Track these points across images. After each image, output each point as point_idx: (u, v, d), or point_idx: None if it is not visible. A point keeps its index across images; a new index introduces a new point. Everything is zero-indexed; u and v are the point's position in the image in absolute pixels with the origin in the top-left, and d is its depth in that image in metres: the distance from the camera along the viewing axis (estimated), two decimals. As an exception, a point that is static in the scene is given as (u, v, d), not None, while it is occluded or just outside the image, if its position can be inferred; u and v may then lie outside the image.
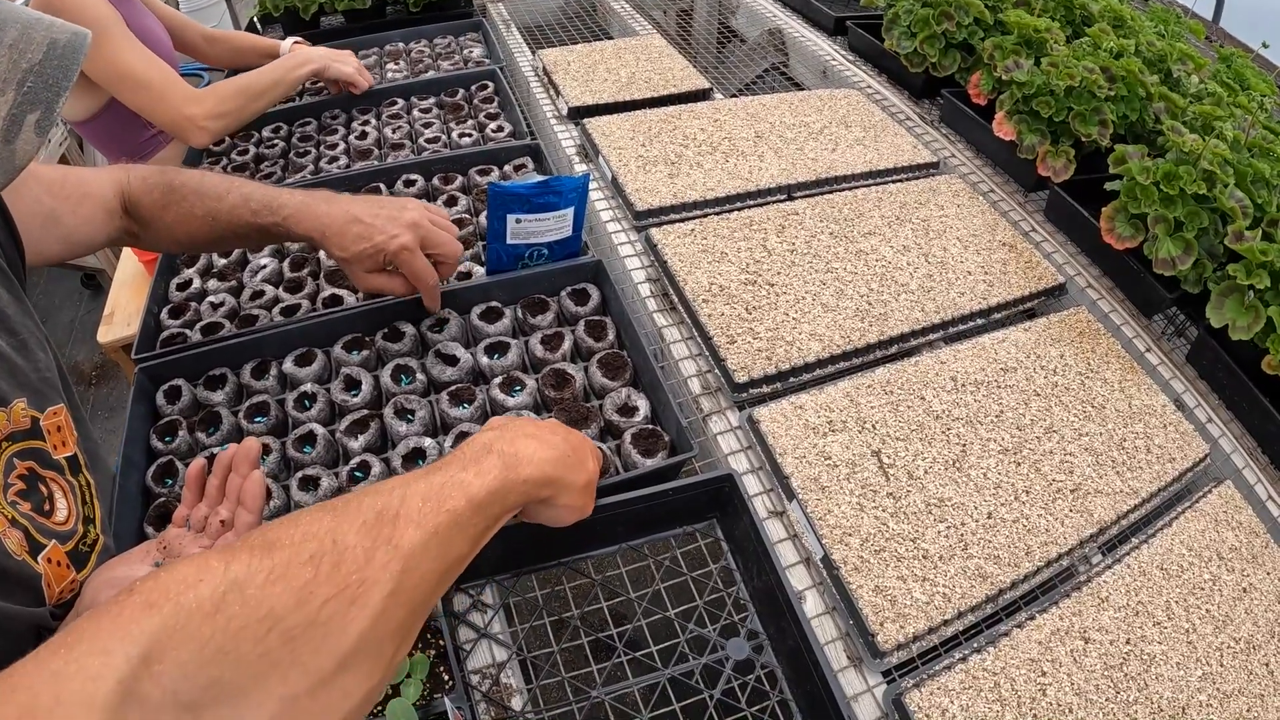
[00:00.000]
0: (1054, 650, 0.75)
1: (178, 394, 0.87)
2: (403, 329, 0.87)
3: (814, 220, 1.07)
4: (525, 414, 0.81)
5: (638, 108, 1.25)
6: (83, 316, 2.26)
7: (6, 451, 0.64)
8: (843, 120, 1.27)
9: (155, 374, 0.88)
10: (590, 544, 0.77)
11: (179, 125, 1.13)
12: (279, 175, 1.18)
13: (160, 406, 0.87)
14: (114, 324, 1.49)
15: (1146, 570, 0.81)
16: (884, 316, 0.98)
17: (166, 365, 0.88)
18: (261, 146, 1.25)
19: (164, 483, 0.81)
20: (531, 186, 0.84)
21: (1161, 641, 0.76)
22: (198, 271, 1.03)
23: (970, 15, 1.38)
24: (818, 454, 0.84)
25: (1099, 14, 1.47)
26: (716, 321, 0.92)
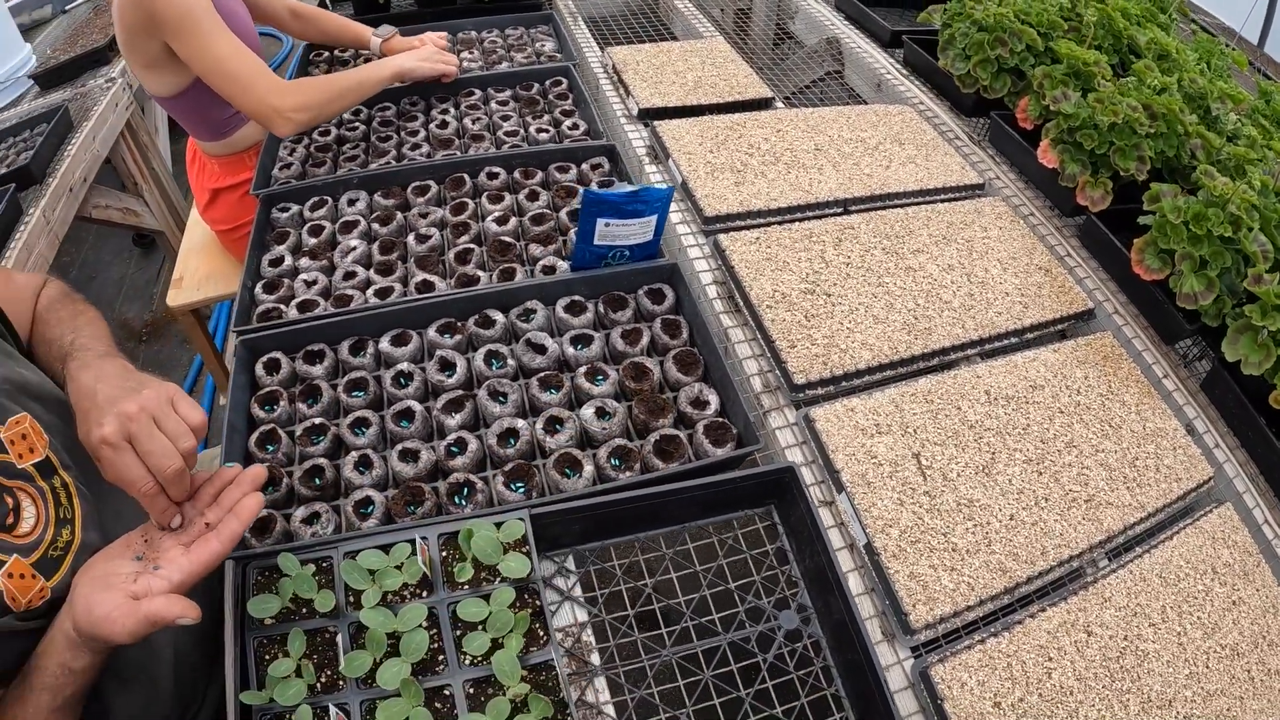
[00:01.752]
0: (1060, 640, 0.88)
1: (277, 366, 0.98)
2: (494, 317, 0.99)
3: (868, 235, 1.18)
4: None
5: (704, 112, 1.35)
6: (132, 274, 2.35)
7: None
8: (896, 137, 1.38)
9: (255, 346, 0.99)
10: (663, 521, 0.90)
11: (264, 116, 1.22)
12: (362, 159, 1.28)
13: (259, 376, 0.98)
14: (183, 289, 1.60)
15: (1147, 577, 0.95)
16: (928, 331, 1.10)
17: (266, 338, 0.99)
18: (343, 129, 1.35)
19: (266, 449, 0.92)
20: (623, 195, 0.96)
21: (1155, 641, 0.89)
22: (288, 249, 1.14)
23: (1023, 43, 1.49)
24: (865, 453, 0.97)
25: (1145, 46, 1.58)
26: (779, 326, 1.04)
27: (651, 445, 0.90)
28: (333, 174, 1.27)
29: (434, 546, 0.81)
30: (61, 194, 1.61)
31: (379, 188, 1.21)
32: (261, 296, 1.07)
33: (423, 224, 1.14)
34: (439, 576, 0.79)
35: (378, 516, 0.84)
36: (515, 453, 0.88)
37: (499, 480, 0.85)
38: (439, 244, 1.11)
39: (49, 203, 1.55)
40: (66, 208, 1.62)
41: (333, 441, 0.91)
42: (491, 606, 0.77)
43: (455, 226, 1.13)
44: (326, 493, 0.87)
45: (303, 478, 0.87)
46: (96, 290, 2.29)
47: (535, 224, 1.13)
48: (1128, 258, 1.23)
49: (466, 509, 0.84)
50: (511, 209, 1.16)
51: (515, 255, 1.08)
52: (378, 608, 0.76)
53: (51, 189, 1.57)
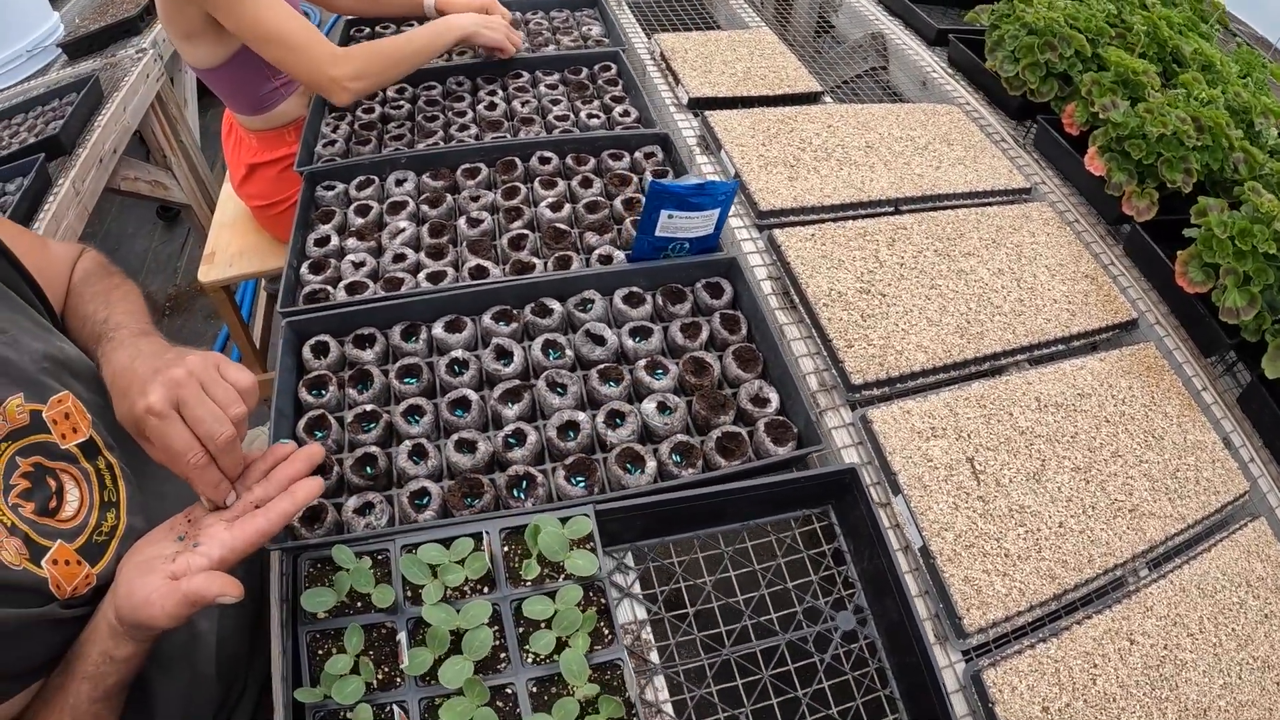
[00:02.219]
0: (1104, 647, 0.85)
1: (325, 350, 0.92)
2: (551, 306, 0.93)
3: (920, 236, 1.13)
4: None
5: (753, 104, 1.29)
6: (157, 247, 2.25)
7: (6, 452, 0.63)
8: (945, 137, 1.32)
9: (302, 328, 0.93)
10: (722, 519, 0.86)
11: (322, 85, 1.14)
12: (408, 138, 1.21)
13: (307, 360, 0.92)
14: (215, 264, 1.52)
15: (1185, 588, 0.92)
16: (980, 335, 1.05)
17: (314, 321, 0.93)
18: (387, 106, 1.28)
19: (314, 435, 0.86)
20: (689, 187, 0.90)
21: (1192, 651, 0.87)
22: (334, 228, 1.07)
23: (1072, 48, 1.43)
24: (921, 455, 0.93)
25: (1190, 56, 1.53)
26: (836, 326, 0.99)
27: (714, 442, 0.85)
28: (379, 152, 1.20)
29: (496, 541, 0.76)
30: (91, 165, 1.52)
31: (427, 168, 1.14)
32: (307, 277, 1.00)
33: (474, 207, 1.07)
34: (501, 572, 0.75)
35: (434, 509, 0.79)
36: (576, 446, 0.83)
37: (560, 474, 0.80)
38: (491, 229, 1.05)
39: (79, 173, 1.47)
40: (96, 179, 1.53)
41: (385, 429, 0.85)
42: (558, 604, 0.72)
43: (508, 211, 1.06)
44: (379, 482, 0.82)
45: (354, 466, 0.82)
46: (120, 262, 2.17)
47: (590, 211, 1.06)
48: (1171, 269, 1.18)
49: (527, 503, 0.79)
50: (565, 195, 1.10)
51: (570, 243, 1.02)
52: (440, 604, 0.71)
53: (81, 160, 1.49)
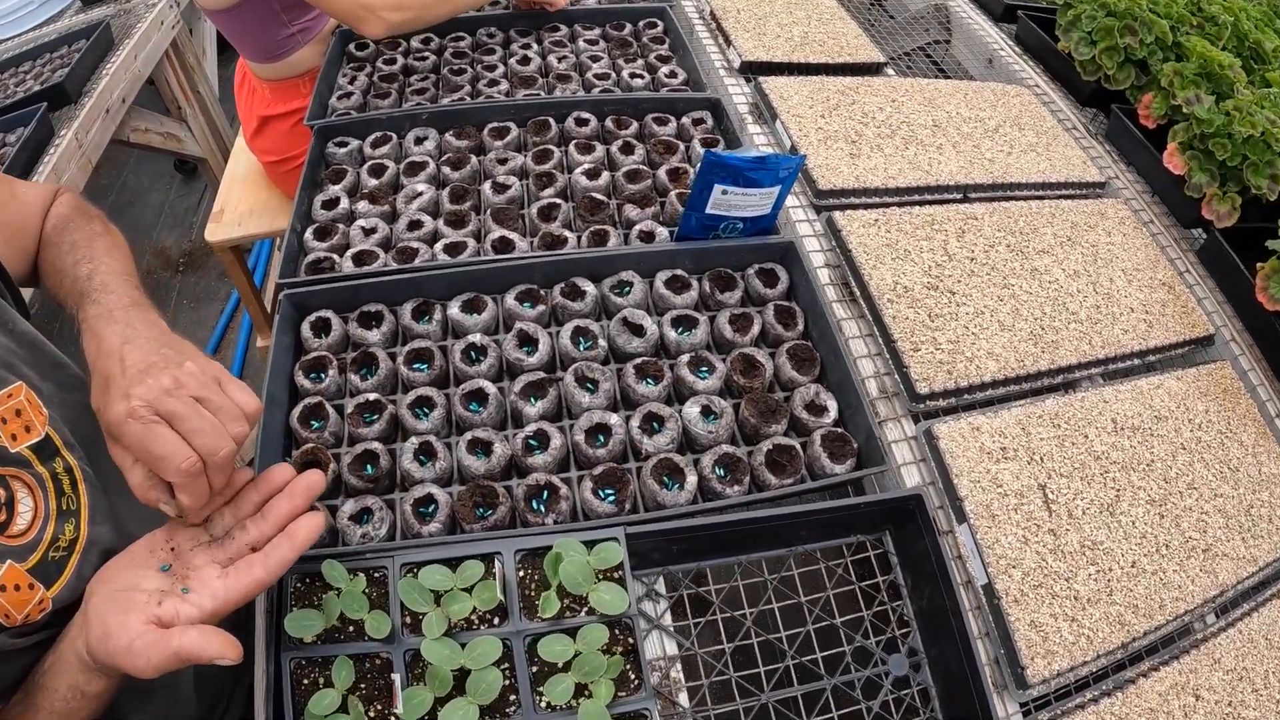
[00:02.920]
0: (1170, 703, 0.71)
1: (326, 327, 0.75)
2: (583, 287, 0.76)
3: (992, 229, 0.95)
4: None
5: (811, 72, 1.09)
6: (173, 201, 2.05)
7: None
8: (1015, 121, 1.12)
9: (302, 302, 0.76)
10: (768, 544, 0.70)
11: (354, 13, 0.95)
12: (432, 92, 1.02)
13: (305, 339, 0.75)
14: (224, 222, 1.33)
15: (1254, 638, 0.78)
16: (1055, 345, 0.88)
17: (315, 294, 0.76)
18: (410, 58, 1.08)
19: (310, 426, 0.70)
20: (748, 160, 0.72)
21: (1256, 708, 0.74)
22: (344, 189, 0.89)
23: (1153, 34, 1.22)
24: (990, 480, 0.77)
25: (1272, 53, 1.31)
26: (901, 325, 0.81)
27: (763, 456, 0.69)
28: (399, 107, 1.01)
29: (510, 564, 0.60)
30: (97, 115, 1.33)
31: (451, 126, 0.96)
32: (312, 243, 0.83)
33: (501, 171, 0.89)
34: (515, 601, 0.59)
35: (441, 520, 0.63)
36: (607, 454, 0.67)
37: (587, 485, 0.65)
38: (519, 195, 0.87)
39: (82, 124, 1.27)
40: (102, 130, 1.34)
41: (389, 423, 0.69)
42: (579, 645, 0.57)
43: (538, 176, 0.88)
44: (380, 484, 0.66)
45: (353, 465, 0.66)
46: (135, 216, 2.01)
47: (630, 181, 0.88)
48: (1251, 282, 1.00)
49: (547, 518, 0.63)
50: (603, 161, 0.91)
51: (607, 215, 0.84)
52: (442, 639, 0.56)
53: (86, 109, 1.29)
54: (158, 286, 1.83)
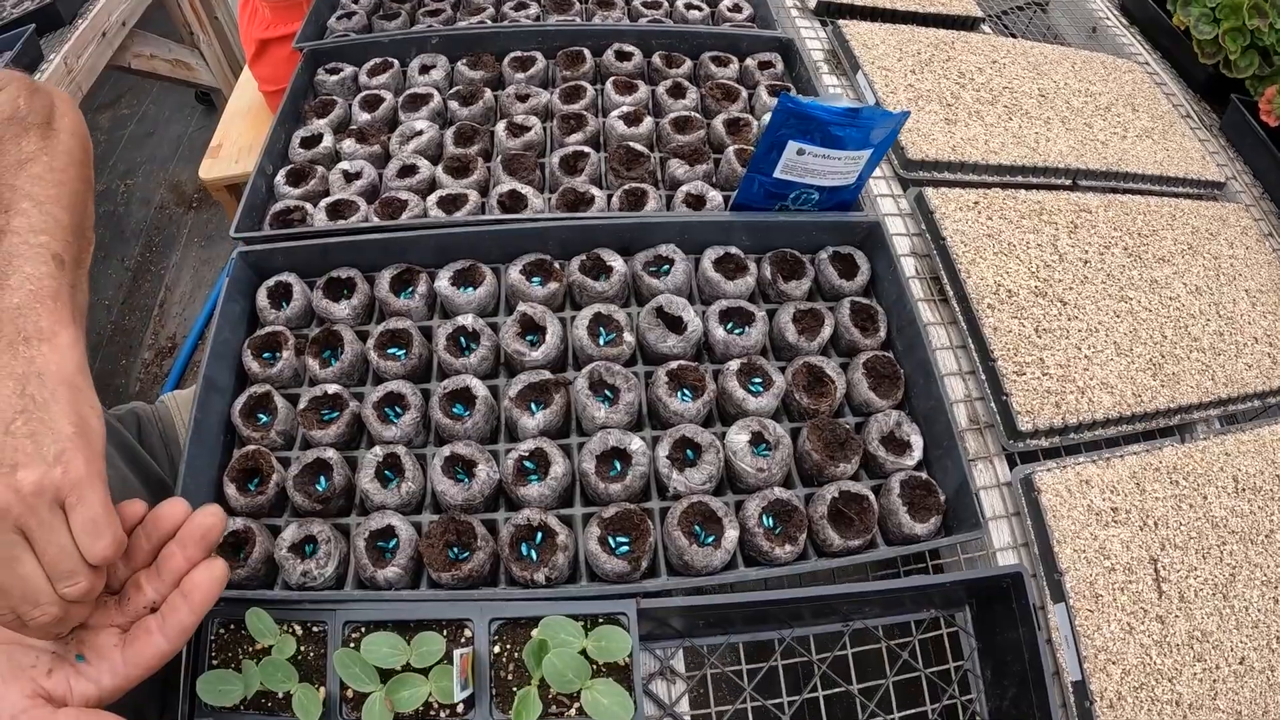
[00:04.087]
0: None
1: (287, 295, 0.52)
2: (610, 262, 0.51)
3: (1107, 226, 0.69)
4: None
5: (898, 19, 0.81)
6: (192, 133, 1.77)
7: None
8: (1129, 101, 0.84)
9: (259, 262, 0.53)
10: (820, 618, 0.48)
11: None
12: (448, 14, 0.75)
13: (261, 309, 0.52)
14: (220, 158, 1.07)
15: None
16: (1176, 378, 0.63)
17: (276, 252, 0.52)
18: None
19: (256, 420, 0.48)
20: (837, 113, 0.46)
21: None
22: (330, 125, 0.63)
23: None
24: (1097, 549, 0.53)
25: None
26: (1003, 340, 0.57)
27: (826, 505, 0.46)
28: (408, 29, 0.75)
29: (483, 635, 0.39)
30: (90, 39, 1.06)
31: (465, 53, 0.69)
32: (283, 189, 0.58)
33: (520, 109, 0.63)
34: (486, 688, 0.38)
35: (401, 562, 0.42)
36: (623, 489, 0.44)
37: (594, 532, 0.42)
38: (539, 140, 0.61)
39: (73, 48, 1.01)
40: (96, 56, 1.07)
41: (350, 424, 0.47)
42: (566, 769, 0.36)
43: (565, 119, 0.62)
44: (331, 504, 0.44)
45: (300, 477, 0.44)
46: (153, 147, 1.74)
47: (678, 130, 0.62)
48: (1385, 310, 0.74)
49: (538, 572, 0.42)
50: (646, 105, 0.65)
51: (648, 172, 0.58)
52: (380, 746, 0.36)
53: (79, 33, 1.03)
54: (169, 222, 1.60)
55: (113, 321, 1.41)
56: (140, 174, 1.72)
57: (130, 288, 1.47)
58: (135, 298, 1.45)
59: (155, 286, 1.47)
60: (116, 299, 1.45)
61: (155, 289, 1.47)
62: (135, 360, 1.35)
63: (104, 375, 1.33)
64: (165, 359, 1.35)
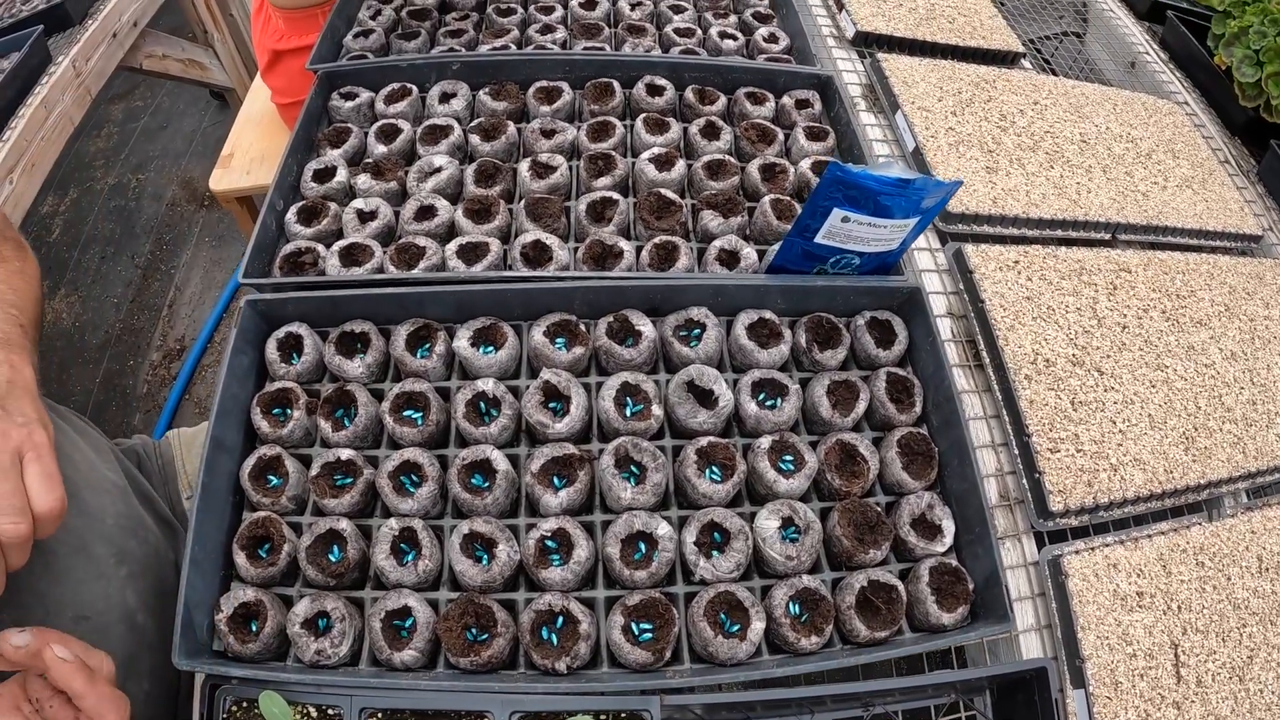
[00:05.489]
0: None
1: (298, 347, 0.49)
2: (639, 326, 0.49)
3: (1146, 287, 0.66)
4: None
5: (938, 53, 0.77)
6: (206, 128, 1.70)
7: None
8: (1169, 147, 0.81)
9: (269, 311, 0.50)
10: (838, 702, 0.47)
11: None
12: (470, 35, 0.71)
13: (271, 362, 0.49)
14: (231, 169, 1.02)
15: None
16: (1208, 452, 0.61)
17: (288, 302, 0.50)
18: None
19: (267, 483, 0.46)
20: (889, 183, 0.43)
21: None
22: (344, 155, 0.60)
23: (1344, 53, 0.87)
24: (1120, 635, 0.52)
25: None
26: (1039, 413, 0.55)
27: (854, 595, 0.44)
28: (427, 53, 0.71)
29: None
30: (100, 40, 1.01)
31: (488, 80, 0.65)
32: (294, 227, 0.55)
33: (545, 146, 0.60)
34: (503, 789, 0.37)
35: (418, 646, 0.40)
36: (648, 576, 0.42)
37: (617, 619, 0.41)
38: (564, 183, 0.58)
39: (83, 50, 0.96)
40: (106, 57, 1.02)
41: (364, 493, 0.45)
42: None
43: (593, 159, 0.59)
44: (345, 577, 0.42)
45: (313, 549, 0.42)
46: (165, 141, 1.68)
47: (712, 176, 0.59)
48: None
49: (559, 661, 0.40)
50: (678, 146, 0.61)
51: (679, 221, 0.55)
52: None
53: (89, 33, 0.98)
54: (180, 220, 1.55)
55: (121, 320, 1.38)
56: (152, 168, 1.67)
57: (140, 286, 1.43)
58: (144, 297, 1.42)
59: (165, 286, 1.43)
60: (126, 297, 1.41)
61: (165, 288, 1.43)
62: (143, 361, 1.32)
63: (111, 375, 1.30)
64: (173, 362, 1.32)
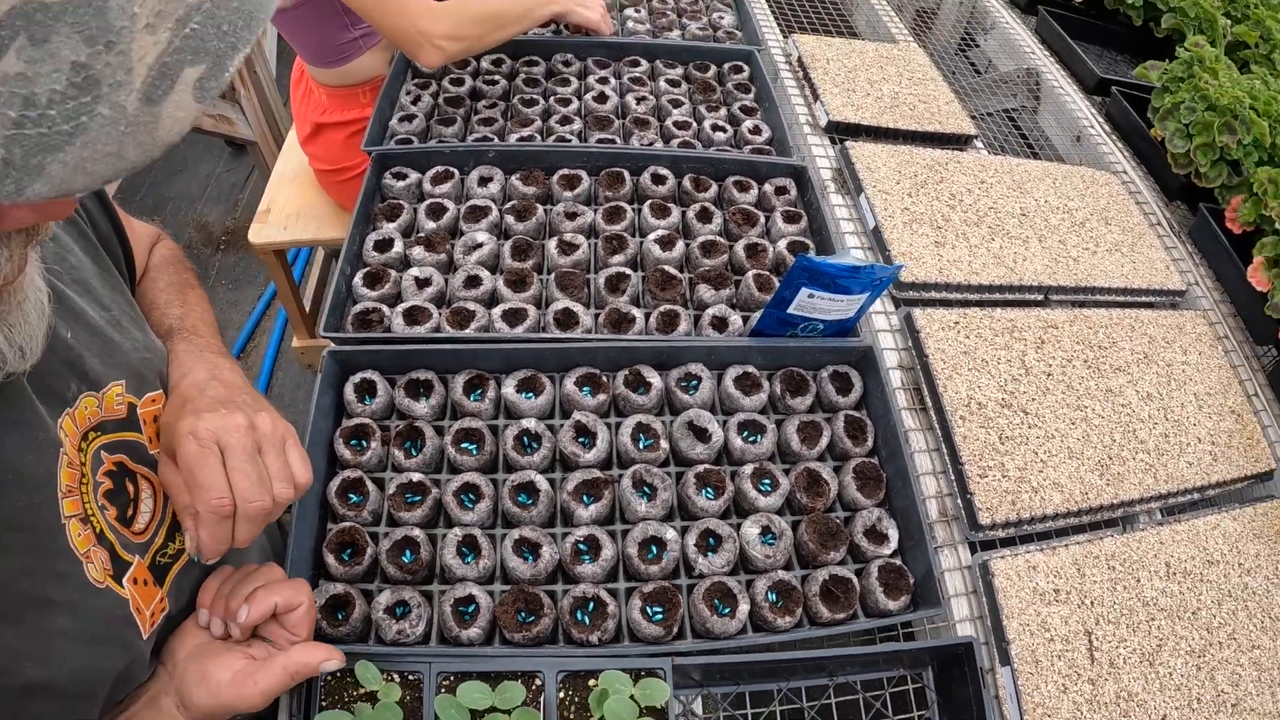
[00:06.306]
0: None
1: (371, 390, 0.70)
2: (649, 378, 0.70)
3: (1071, 341, 0.89)
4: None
5: (899, 139, 1.02)
6: (220, 174, 1.91)
7: (94, 443, 0.49)
8: (1103, 215, 1.05)
9: (347, 360, 0.71)
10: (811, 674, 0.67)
11: (412, 39, 0.88)
12: (500, 123, 0.95)
13: (349, 401, 0.70)
14: (269, 223, 1.24)
15: None
16: (1120, 478, 0.83)
17: (362, 353, 0.70)
18: (480, 79, 1.00)
19: (349, 500, 0.66)
20: (843, 269, 0.66)
21: None
22: (399, 229, 0.82)
23: (1251, 134, 1.14)
24: (1039, 624, 0.73)
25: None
26: (971, 447, 0.77)
27: (818, 586, 0.65)
28: (463, 137, 0.93)
29: (551, 687, 0.57)
30: None
31: (519, 167, 0.88)
32: (360, 290, 0.77)
33: (568, 227, 0.83)
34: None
35: (481, 625, 0.60)
36: (659, 571, 0.63)
37: (635, 603, 0.61)
38: (586, 259, 0.81)
39: None
40: None
41: (432, 508, 0.65)
42: (617, 785, 0.55)
43: (608, 239, 0.82)
44: (418, 575, 0.62)
45: (391, 551, 0.62)
46: (181, 185, 1.89)
47: (705, 254, 0.82)
48: (1321, 412, 0.96)
49: (592, 634, 0.60)
50: (678, 228, 0.85)
51: (679, 293, 0.78)
52: (479, 766, 0.53)
53: None
54: (197, 262, 1.76)
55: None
56: (168, 211, 1.88)
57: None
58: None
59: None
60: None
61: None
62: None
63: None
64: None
